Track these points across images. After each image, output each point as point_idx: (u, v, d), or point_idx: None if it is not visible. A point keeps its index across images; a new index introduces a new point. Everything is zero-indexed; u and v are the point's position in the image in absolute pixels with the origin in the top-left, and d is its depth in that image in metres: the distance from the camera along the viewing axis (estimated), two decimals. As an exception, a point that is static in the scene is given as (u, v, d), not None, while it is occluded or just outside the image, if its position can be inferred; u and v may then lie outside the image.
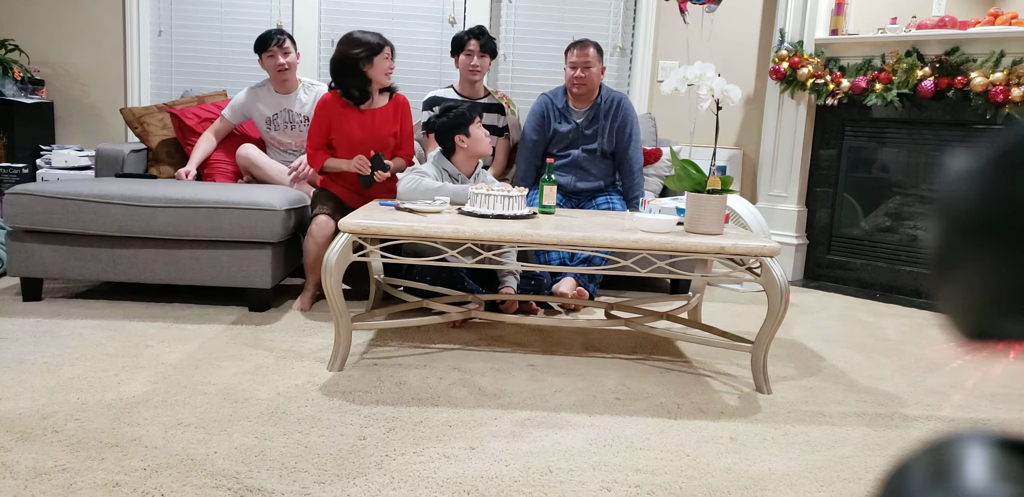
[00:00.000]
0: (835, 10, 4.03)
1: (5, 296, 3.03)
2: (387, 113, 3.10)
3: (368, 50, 2.96)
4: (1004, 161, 0.26)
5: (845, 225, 4.13)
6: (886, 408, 2.27)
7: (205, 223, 2.88)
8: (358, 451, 1.79)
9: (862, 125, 4.00)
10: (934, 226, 0.29)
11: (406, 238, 2.30)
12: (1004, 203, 0.26)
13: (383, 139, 3.10)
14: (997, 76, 3.38)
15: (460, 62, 3.58)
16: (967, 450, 0.27)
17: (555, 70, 4.37)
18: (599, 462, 1.80)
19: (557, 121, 3.44)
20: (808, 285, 4.09)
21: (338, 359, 2.34)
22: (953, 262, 0.28)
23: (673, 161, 2.44)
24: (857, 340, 3.03)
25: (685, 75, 2.57)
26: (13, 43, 4.16)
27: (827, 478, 1.79)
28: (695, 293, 3.01)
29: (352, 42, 2.97)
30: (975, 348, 0.29)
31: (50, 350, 2.40)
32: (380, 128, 3.08)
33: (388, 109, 3.11)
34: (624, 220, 2.64)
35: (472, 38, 3.52)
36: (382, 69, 3.01)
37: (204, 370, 2.29)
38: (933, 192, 0.32)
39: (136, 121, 3.65)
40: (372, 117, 3.07)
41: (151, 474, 1.63)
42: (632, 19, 4.52)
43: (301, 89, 3.59)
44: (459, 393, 2.20)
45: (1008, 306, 0.26)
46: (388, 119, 3.11)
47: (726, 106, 2.59)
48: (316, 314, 3.00)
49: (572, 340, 2.81)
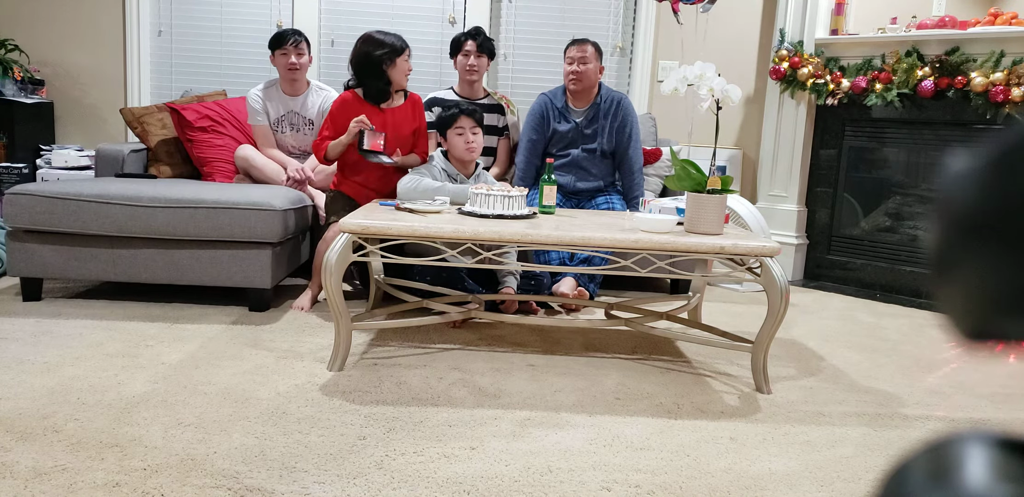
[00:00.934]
0: (835, 10, 4.03)
1: (5, 296, 3.03)
2: (406, 111, 3.12)
3: (391, 51, 2.98)
4: (1004, 161, 0.26)
5: (845, 225, 4.13)
6: (886, 408, 2.27)
7: (205, 223, 2.88)
8: (358, 451, 1.79)
9: (862, 125, 4.00)
10: (934, 226, 0.29)
11: (406, 238, 2.30)
12: (1004, 203, 0.26)
13: (404, 138, 3.11)
14: (997, 76, 3.38)
15: (458, 63, 3.61)
16: (967, 450, 0.27)
17: (555, 70, 4.37)
18: (599, 462, 1.80)
19: (557, 121, 3.44)
20: (808, 285, 4.09)
21: (338, 359, 2.34)
22: (953, 262, 0.28)
23: (673, 161, 2.44)
24: (857, 340, 3.03)
25: (685, 75, 2.57)
26: (13, 43, 4.16)
27: (827, 478, 1.79)
28: (695, 293, 3.01)
29: (375, 43, 2.98)
30: (975, 348, 0.29)
31: (50, 350, 2.40)
32: (401, 126, 3.09)
33: (407, 108, 3.13)
34: (624, 220, 2.64)
35: (469, 39, 3.54)
36: (403, 71, 3.04)
37: (204, 370, 2.29)
38: (933, 192, 0.32)
39: (136, 121, 3.65)
40: (393, 116, 3.08)
41: (151, 474, 1.63)
42: (632, 19, 4.52)
43: (310, 92, 3.60)
44: (459, 393, 2.20)
45: (1008, 306, 0.26)
46: (408, 117, 3.13)
47: (726, 106, 2.59)
48: (316, 314, 3.00)
49: (572, 340, 2.81)
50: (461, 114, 2.92)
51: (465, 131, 2.91)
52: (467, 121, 2.92)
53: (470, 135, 2.91)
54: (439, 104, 3.59)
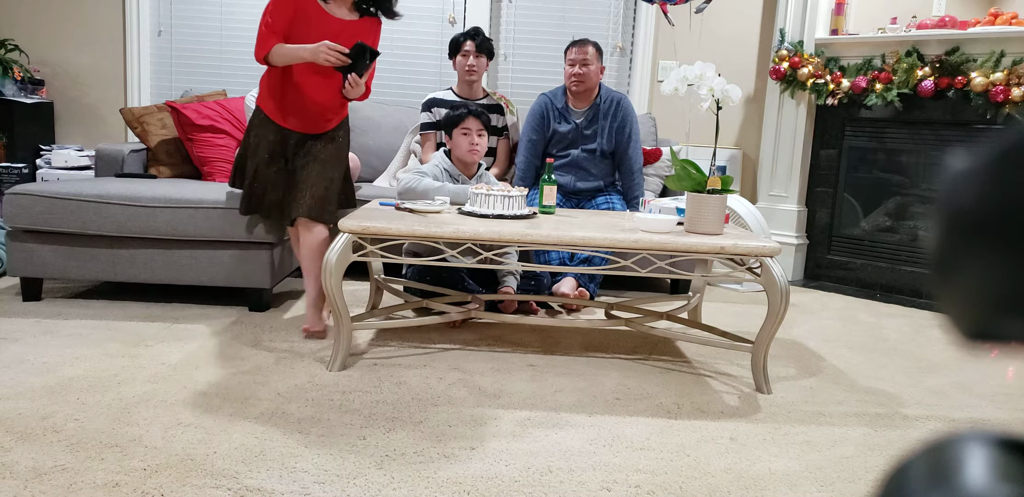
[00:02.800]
0: (835, 10, 4.03)
1: (5, 296, 3.03)
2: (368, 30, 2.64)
3: None
4: (1004, 161, 0.26)
5: (845, 225, 4.13)
6: (886, 408, 2.27)
7: (205, 223, 2.88)
8: (358, 451, 1.79)
9: (862, 125, 4.00)
10: (934, 226, 0.29)
11: (406, 238, 2.30)
12: (1005, 203, 0.26)
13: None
14: (997, 76, 3.38)
15: (457, 63, 3.61)
16: (967, 450, 0.27)
17: (555, 70, 4.37)
18: (599, 462, 1.80)
19: (557, 121, 3.44)
20: (808, 285, 4.09)
21: (338, 359, 2.34)
22: (953, 262, 0.28)
23: (673, 161, 2.44)
24: (857, 340, 3.03)
25: (685, 75, 2.57)
26: (13, 43, 4.16)
27: (827, 478, 1.79)
28: (695, 293, 3.01)
29: None
30: (975, 348, 0.29)
31: (50, 350, 2.40)
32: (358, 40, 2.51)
33: (368, 26, 2.64)
34: (624, 220, 2.64)
35: (468, 39, 3.55)
36: None
37: (204, 370, 2.29)
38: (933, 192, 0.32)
39: (136, 121, 3.65)
40: (355, 29, 2.59)
41: (151, 474, 1.63)
42: (632, 19, 4.52)
43: None
44: (459, 393, 2.20)
45: (1008, 306, 0.26)
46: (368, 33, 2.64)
47: (726, 106, 2.59)
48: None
49: (572, 340, 2.81)
50: (470, 115, 2.91)
51: (471, 133, 2.91)
52: (474, 123, 2.91)
53: (475, 137, 2.91)
54: (439, 105, 3.59)
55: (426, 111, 3.64)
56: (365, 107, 4.07)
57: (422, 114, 3.66)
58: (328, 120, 2.68)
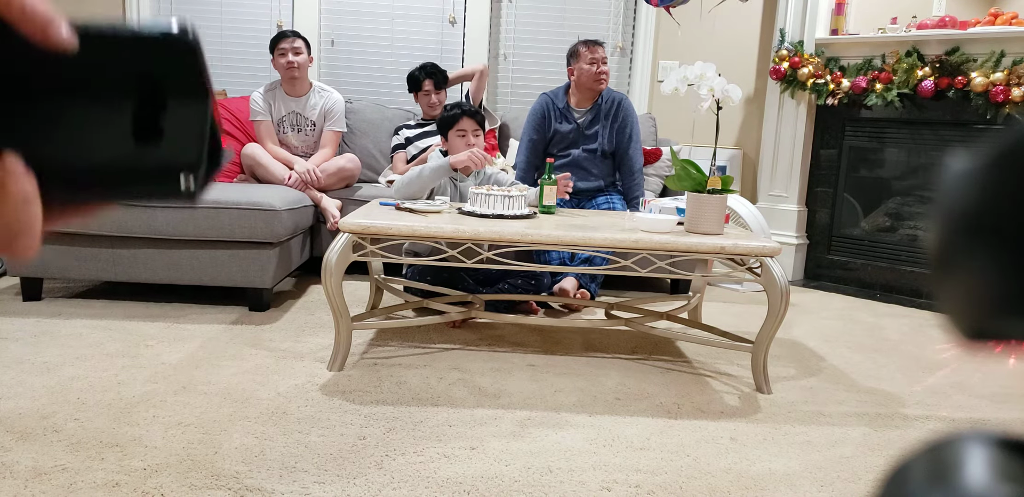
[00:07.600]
0: (835, 10, 4.03)
1: (5, 296, 3.03)
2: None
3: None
4: (1004, 161, 0.26)
5: (845, 225, 4.13)
6: (886, 408, 2.27)
7: (205, 223, 2.88)
8: (358, 451, 1.79)
9: (862, 125, 4.00)
10: (934, 226, 0.29)
11: (406, 238, 2.30)
12: (1005, 203, 0.26)
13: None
14: (997, 76, 3.38)
15: (420, 99, 3.85)
16: (967, 450, 0.27)
17: (555, 70, 4.37)
18: (599, 462, 1.80)
19: (558, 121, 3.44)
20: (808, 285, 4.09)
21: (338, 359, 2.34)
22: (953, 262, 0.28)
23: (673, 161, 2.44)
24: (857, 340, 3.03)
25: (685, 75, 2.57)
26: (13, 43, 4.16)
27: (827, 478, 1.79)
28: (695, 293, 3.01)
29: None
30: (975, 348, 0.29)
31: (50, 350, 2.40)
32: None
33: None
34: (624, 220, 2.64)
35: (427, 77, 3.79)
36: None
37: (204, 370, 2.29)
38: (933, 192, 0.33)
39: (136, 121, 3.64)
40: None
41: (151, 474, 1.63)
42: (632, 19, 4.52)
43: (312, 92, 3.60)
44: (459, 393, 2.20)
45: (1008, 306, 0.26)
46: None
47: (726, 106, 2.59)
48: (316, 314, 2.99)
49: (572, 340, 2.81)
50: (464, 115, 2.91)
51: (467, 134, 2.91)
52: (469, 123, 2.91)
53: (471, 138, 2.91)
54: (406, 127, 3.88)
55: (395, 134, 3.91)
56: (364, 109, 4.08)
57: (393, 137, 3.92)
58: None
